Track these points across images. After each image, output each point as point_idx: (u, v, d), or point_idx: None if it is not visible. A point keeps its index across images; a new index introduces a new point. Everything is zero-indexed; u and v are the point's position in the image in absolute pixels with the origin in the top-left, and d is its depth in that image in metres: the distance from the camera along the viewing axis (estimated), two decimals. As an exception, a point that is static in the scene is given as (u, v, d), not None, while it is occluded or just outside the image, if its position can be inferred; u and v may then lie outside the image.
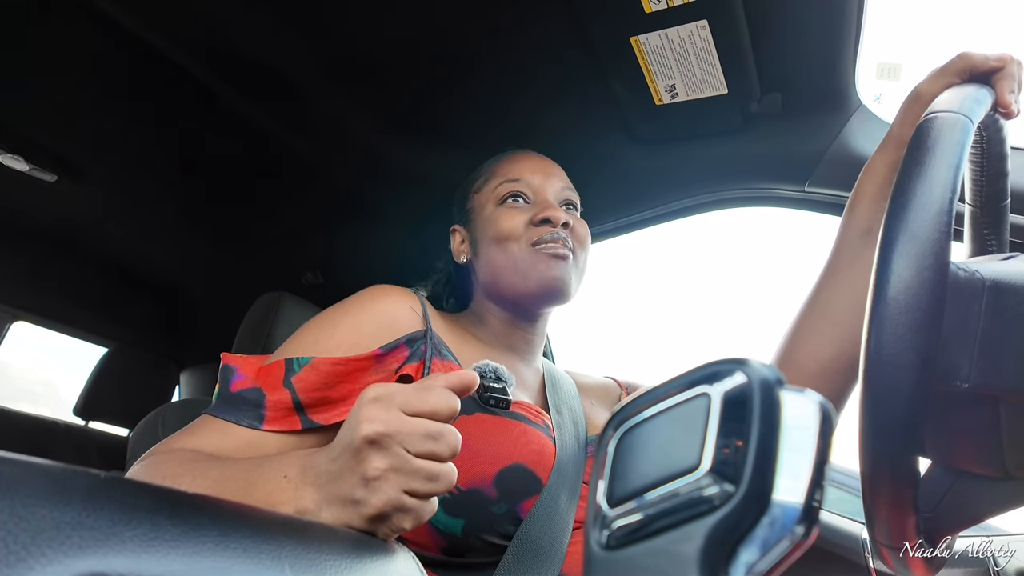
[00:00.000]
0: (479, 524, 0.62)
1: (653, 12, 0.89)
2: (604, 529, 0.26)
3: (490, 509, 0.63)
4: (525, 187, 0.86)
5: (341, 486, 0.45)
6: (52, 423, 1.96)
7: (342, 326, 0.71)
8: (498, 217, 0.84)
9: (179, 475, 0.54)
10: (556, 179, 0.89)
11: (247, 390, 0.64)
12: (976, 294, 0.40)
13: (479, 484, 0.63)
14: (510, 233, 0.82)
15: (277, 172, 1.48)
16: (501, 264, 0.82)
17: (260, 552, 0.29)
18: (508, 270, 0.81)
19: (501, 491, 0.63)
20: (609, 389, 0.94)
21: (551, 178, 0.88)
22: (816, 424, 0.23)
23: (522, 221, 0.83)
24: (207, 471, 0.55)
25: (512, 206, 0.85)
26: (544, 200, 0.85)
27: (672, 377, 0.27)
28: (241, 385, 0.65)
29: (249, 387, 0.65)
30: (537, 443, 0.69)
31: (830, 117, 1.00)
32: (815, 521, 0.22)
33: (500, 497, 0.63)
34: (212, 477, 0.54)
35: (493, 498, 0.63)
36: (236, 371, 0.66)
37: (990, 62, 0.56)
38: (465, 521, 0.62)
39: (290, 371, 0.65)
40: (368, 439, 0.43)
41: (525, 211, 0.84)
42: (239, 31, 1.05)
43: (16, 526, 0.20)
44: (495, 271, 0.83)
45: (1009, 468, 0.43)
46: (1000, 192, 0.57)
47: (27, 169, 1.45)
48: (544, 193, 0.86)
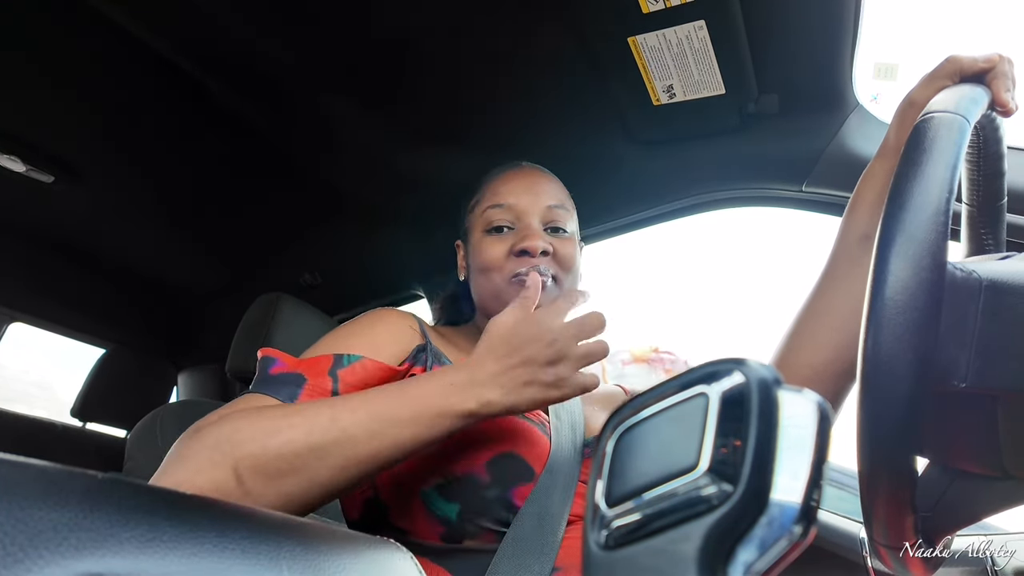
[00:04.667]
0: (473, 508, 0.65)
1: (650, 12, 0.89)
2: (603, 529, 0.26)
3: (483, 493, 0.65)
4: (508, 213, 0.84)
5: (522, 375, 0.61)
6: (50, 424, 1.95)
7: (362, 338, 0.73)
8: (481, 247, 0.84)
9: (277, 425, 0.55)
10: (543, 197, 0.85)
11: (287, 374, 0.66)
12: (973, 294, 0.40)
13: (472, 469, 0.66)
14: (490, 265, 0.82)
15: (275, 173, 1.48)
16: (485, 292, 0.84)
17: (258, 552, 0.28)
18: (491, 299, 0.83)
19: (494, 475, 0.66)
20: (615, 396, 0.94)
21: (538, 197, 0.85)
22: (814, 423, 0.23)
23: (502, 252, 0.82)
24: (315, 409, 0.57)
25: (494, 236, 0.84)
26: (526, 226, 0.83)
27: (670, 377, 0.27)
28: (281, 370, 0.66)
29: (289, 372, 0.66)
30: (530, 435, 0.71)
31: (827, 117, 1.00)
32: (813, 520, 0.22)
33: (493, 481, 0.66)
34: (329, 413, 0.57)
35: (487, 483, 0.66)
36: (276, 360, 0.67)
37: (979, 63, 0.56)
38: (460, 505, 0.65)
39: (338, 364, 0.68)
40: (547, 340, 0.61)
41: (506, 240, 0.83)
42: (238, 32, 1.05)
43: (13, 527, 0.20)
44: (480, 297, 0.86)
45: (1007, 467, 0.43)
46: (997, 192, 0.57)
47: (24, 170, 1.44)
48: (527, 217, 0.84)
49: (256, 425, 0.55)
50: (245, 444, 0.54)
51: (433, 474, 0.66)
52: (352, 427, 0.56)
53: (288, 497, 0.54)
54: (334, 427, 0.56)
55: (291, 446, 0.54)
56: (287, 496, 0.54)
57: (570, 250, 0.84)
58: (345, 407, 0.58)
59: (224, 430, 0.55)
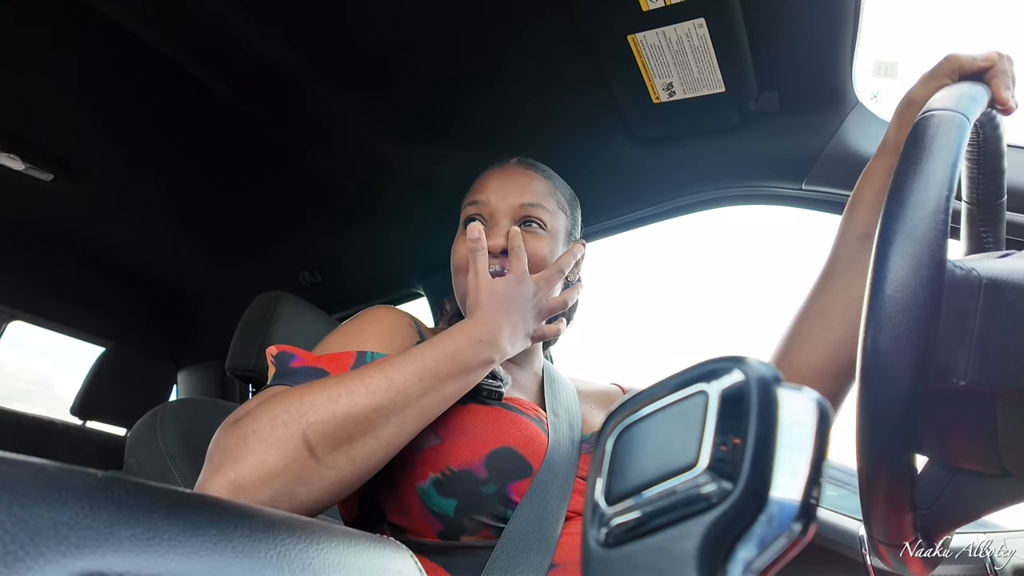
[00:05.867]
0: (471, 504, 0.65)
1: (650, 10, 0.89)
2: (602, 527, 0.26)
3: (480, 489, 0.65)
4: (483, 209, 0.84)
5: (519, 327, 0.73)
6: (50, 423, 1.95)
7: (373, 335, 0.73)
8: (456, 245, 0.85)
9: (337, 391, 0.58)
10: (518, 194, 0.84)
11: (309, 367, 0.66)
12: (973, 292, 0.40)
13: (470, 465, 0.66)
14: (459, 265, 0.82)
15: (275, 171, 1.47)
16: (458, 290, 0.84)
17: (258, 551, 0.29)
18: (461, 298, 0.83)
19: (491, 471, 0.66)
20: (612, 395, 0.94)
21: (511, 192, 0.84)
22: (813, 421, 0.23)
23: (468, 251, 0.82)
24: (366, 373, 0.61)
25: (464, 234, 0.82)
26: (496, 223, 0.83)
27: (670, 375, 0.27)
28: (302, 364, 0.66)
29: (310, 366, 0.66)
30: (528, 430, 0.71)
31: (827, 115, 1.00)
32: (812, 518, 0.22)
33: (490, 477, 0.66)
34: (380, 375, 0.60)
35: (483, 478, 0.65)
36: (295, 355, 0.67)
37: (978, 62, 0.56)
38: (457, 501, 0.65)
39: (361, 360, 0.68)
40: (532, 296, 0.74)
41: None
42: (238, 31, 1.05)
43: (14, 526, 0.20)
44: (457, 293, 0.86)
45: (1005, 465, 0.43)
46: (997, 190, 0.57)
47: (23, 168, 1.44)
48: (497, 215, 0.83)
49: (315, 395, 0.57)
50: (310, 413, 0.55)
51: (430, 470, 0.66)
52: (406, 386, 0.61)
53: (357, 460, 0.57)
54: (391, 387, 0.60)
55: (356, 409, 0.57)
56: (356, 459, 0.57)
57: (537, 246, 0.81)
58: (395, 369, 0.62)
59: (283, 406, 0.56)
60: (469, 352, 0.67)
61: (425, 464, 0.66)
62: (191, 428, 1.04)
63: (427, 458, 0.67)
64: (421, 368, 0.63)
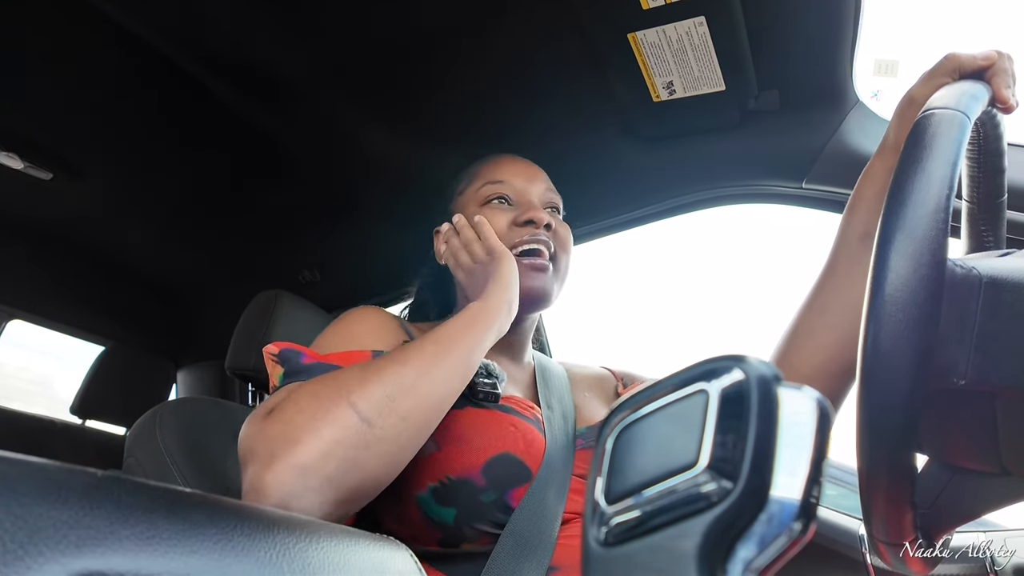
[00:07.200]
0: (470, 513, 0.64)
1: (651, 8, 0.88)
2: (602, 526, 0.26)
3: (480, 498, 0.64)
4: (508, 189, 0.86)
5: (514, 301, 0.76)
6: (49, 422, 1.95)
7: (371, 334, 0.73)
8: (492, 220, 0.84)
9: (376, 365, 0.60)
10: (540, 182, 0.89)
11: (320, 364, 0.65)
12: (973, 291, 0.40)
13: (468, 473, 0.65)
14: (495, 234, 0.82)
15: (274, 171, 1.47)
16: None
17: (258, 550, 0.28)
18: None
19: (490, 479, 0.65)
20: (604, 379, 0.94)
21: (534, 180, 0.88)
22: (814, 420, 0.23)
23: (505, 222, 0.84)
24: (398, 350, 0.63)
25: (495, 207, 0.86)
26: (528, 202, 0.86)
27: (670, 374, 0.27)
28: (314, 360, 0.66)
29: (324, 362, 0.65)
30: (526, 434, 0.70)
31: (828, 114, 1.00)
32: (812, 517, 0.22)
33: (489, 485, 0.65)
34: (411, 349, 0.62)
35: (482, 486, 0.65)
36: (303, 353, 0.67)
37: (978, 60, 0.56)
38: (456, 510, 0.64)
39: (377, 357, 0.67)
40: None
41: (508, 212, 0.85)
42: (236, 30, 1.05)
43: (13, 525, 0.20)
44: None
45: (1005, 464, 0.43)
46: (997, 188, 0.57)
47: (22, 167, 1.44)
48: (528, 195, 0.87)
49: (354, 373, 0.58)
50: (350, 384, 0.56)
51: (428, 479, 0.65)
52: (439, 353, 0.63)
53: (408, 419, 0.57)
54: (424, 354, 0.62)
55: (397, 376, 0.58)
56: (407, 421, 0.57)
57: (567, 233, 0.87)
58: (425, 342, 0.64)
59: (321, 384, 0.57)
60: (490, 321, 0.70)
61: (423, 473, 0.65)
62: (191, 427, 1.04)
63: (425, 467, 0.66)
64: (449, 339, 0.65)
